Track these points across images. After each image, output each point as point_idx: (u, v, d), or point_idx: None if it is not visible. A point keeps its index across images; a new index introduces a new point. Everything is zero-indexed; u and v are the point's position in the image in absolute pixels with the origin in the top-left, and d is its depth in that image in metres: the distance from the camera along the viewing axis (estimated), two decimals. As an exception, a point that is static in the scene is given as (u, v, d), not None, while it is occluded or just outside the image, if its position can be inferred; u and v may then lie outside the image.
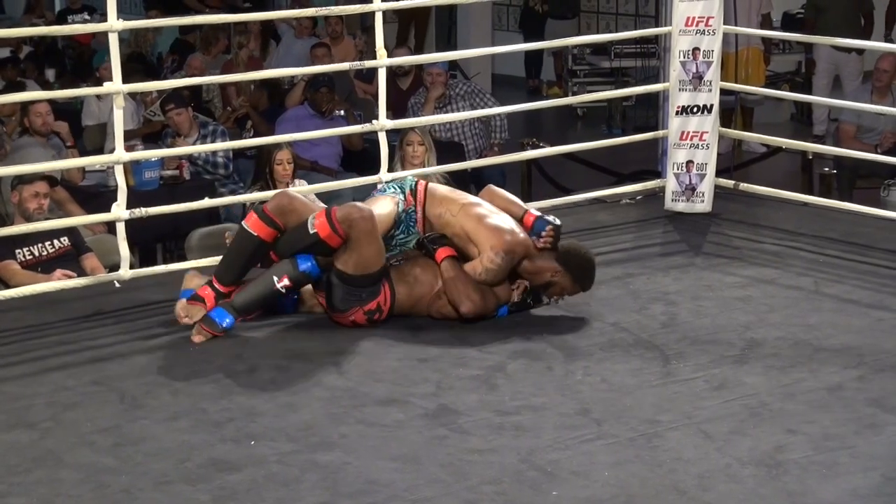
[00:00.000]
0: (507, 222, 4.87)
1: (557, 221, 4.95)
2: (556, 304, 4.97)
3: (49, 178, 6.13)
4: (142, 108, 9.39)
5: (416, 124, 6.68)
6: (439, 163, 6.45)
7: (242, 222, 4.67)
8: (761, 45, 10.53)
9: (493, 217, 4.87)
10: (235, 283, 4.71)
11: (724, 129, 6.62)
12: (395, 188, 4.98)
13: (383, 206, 4.85)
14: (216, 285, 4.69)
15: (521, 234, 4.86)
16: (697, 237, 6.05)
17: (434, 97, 8.55)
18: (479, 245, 4.83)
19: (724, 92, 6.53)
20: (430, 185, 5.05)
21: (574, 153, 7.93)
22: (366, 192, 5.76)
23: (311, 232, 4.57)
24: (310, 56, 10.08)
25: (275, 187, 6.47)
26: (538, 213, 5.00)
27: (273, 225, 4.64)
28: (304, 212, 4.68)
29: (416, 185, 4.99)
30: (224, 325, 4.63)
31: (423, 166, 6.38)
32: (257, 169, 6.84)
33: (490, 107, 8.37)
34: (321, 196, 6.83)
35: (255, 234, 4.62)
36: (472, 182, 7.90)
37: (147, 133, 9.00)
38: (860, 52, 10.42)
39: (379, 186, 5.20)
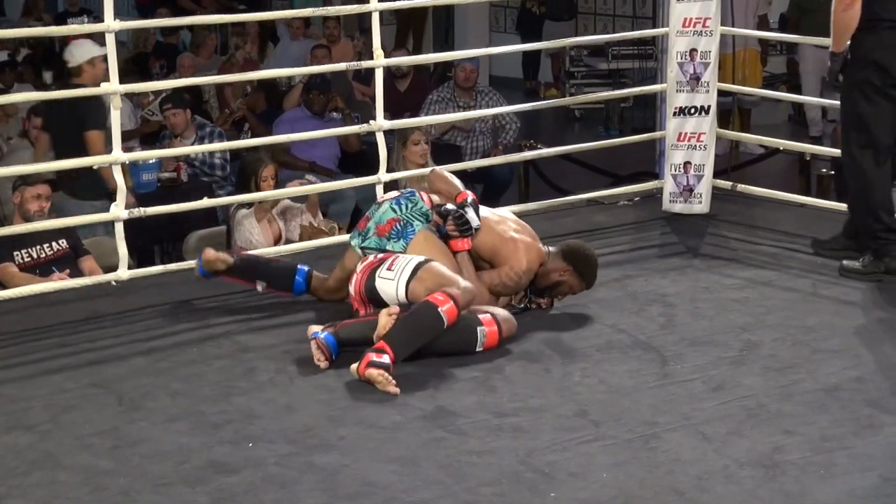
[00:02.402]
0: (526, 238, 4.91)
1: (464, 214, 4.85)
2: (549, 308, 5.02)
3: (50, 181, 6.14)
4: (139, 110, 9.38)
5: (414, 124, 6.68)
6: (439, 164, 6.44)
7: (439, 308, 4.41)
8: (758, 46, 10.53)
9: (513, 233, 4.91)
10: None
11: (721, 131, 6.62)
12: (418, 219, 4.89)
13: (444, 251, 4.82)
14: (393, 358, 4.37)
15: (536, 251, 4.90)
16: (695, 238, 6.06)
17: (467, 93, 8.62)
18: (496, 260, 4.88)
19: (721, 93, 6.52)
20: (431, 195, 5.05)
21: (571, 154, 7.94)
22: (365, 193, 5.74)
23: (477, 350, 4.53)
24: (309, 57, 10.08)
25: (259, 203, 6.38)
26: (464, 200, 4.89)
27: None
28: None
29: (425, 206, 4.95)
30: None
31: (425, 166, 6.38)
32: (239, 182, 6.73)
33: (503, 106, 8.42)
34: (320, 196, 6.84)
35: (447, 326, 4.44)
36: (479, 181, 7.97)
37: (145, 134, 8.99)
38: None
39: (392, 213, 4.91)
